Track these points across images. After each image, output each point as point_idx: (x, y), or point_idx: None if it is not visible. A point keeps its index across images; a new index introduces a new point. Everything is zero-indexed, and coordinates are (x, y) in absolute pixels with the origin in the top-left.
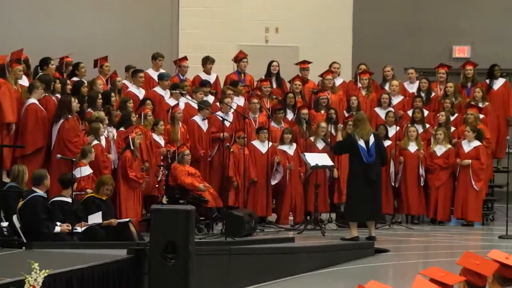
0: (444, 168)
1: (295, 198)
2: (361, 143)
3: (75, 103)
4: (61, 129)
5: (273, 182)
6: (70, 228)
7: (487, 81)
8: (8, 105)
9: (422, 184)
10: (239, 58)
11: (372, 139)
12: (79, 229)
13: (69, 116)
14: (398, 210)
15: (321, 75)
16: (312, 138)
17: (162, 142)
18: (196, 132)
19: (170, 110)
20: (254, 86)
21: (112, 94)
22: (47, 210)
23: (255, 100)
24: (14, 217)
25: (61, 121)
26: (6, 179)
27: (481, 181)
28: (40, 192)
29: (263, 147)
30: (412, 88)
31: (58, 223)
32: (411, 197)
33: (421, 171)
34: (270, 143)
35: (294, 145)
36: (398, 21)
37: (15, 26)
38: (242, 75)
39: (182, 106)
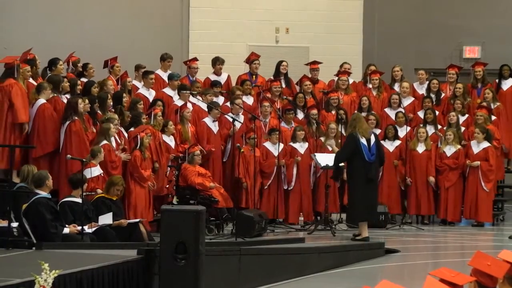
0: (453, 168)
1: (304, 198)
2: (363, 141)
3: (82, 104)
4: (67, 131)
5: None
6: (78, 229)
7: (497, 81)
8: (20, 105)
9: (433, 186)
10: (251, 60)
11: (373, 138)
12: (88, 229)
13: (75, 118)
14: (407, 210)
15: (337, 75)
16: (322, 139)
17: (172, 143)
18: (206, 133)
19: (179, 111)
20: (265, 88)
21: (124, 94)
22: (53, 210)
23: (266, 104)
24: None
25: (67, 122)
26: (16, 180)
27: (491, 182)
28: (43, 193)
29: (275, 149)
30: (422, 89)
31: (66, 225)
32: (421, 197)
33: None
34: (282, 145)
35: (306, 143)
36: (408, 21)
37: (25, 28)
38: (254, 76)
39: (190, 106)
